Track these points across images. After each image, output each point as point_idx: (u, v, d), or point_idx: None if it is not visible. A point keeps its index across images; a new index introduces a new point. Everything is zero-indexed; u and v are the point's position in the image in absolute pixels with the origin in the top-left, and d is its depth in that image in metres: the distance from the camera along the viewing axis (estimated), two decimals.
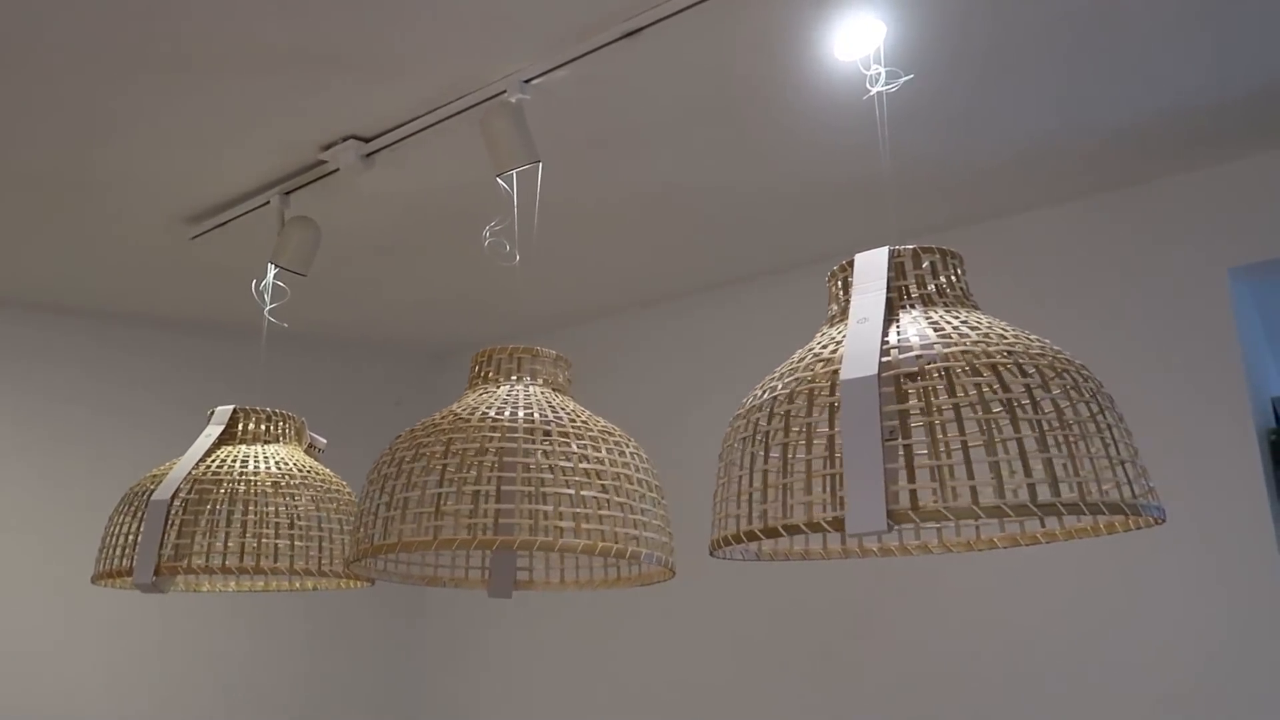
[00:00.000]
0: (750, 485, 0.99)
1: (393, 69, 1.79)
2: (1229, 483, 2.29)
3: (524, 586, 1.62)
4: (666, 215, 2.58)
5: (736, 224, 2.67)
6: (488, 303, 3.07)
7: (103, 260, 2.70)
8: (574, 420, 1.32)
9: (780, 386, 1.01)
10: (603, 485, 1.27)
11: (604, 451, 1.30)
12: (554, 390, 1.43)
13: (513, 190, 1.58)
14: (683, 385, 3.24)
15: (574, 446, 1.28)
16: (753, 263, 2.97)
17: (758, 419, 1.01)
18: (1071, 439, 0.92)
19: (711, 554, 1.09)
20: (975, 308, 1.09)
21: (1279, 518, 2.40)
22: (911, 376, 0.94)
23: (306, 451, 1.87)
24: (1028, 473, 0.87)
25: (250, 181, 2.15)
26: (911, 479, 0.97)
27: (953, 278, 1.09)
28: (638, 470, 1.32)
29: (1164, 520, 1.00)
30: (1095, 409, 0.98)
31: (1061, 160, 2.41)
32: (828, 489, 0.95)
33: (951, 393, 0.91)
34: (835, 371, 0.95)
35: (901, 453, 0.96)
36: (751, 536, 0.96)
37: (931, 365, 0.93)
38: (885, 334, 0.98)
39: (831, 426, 0.93)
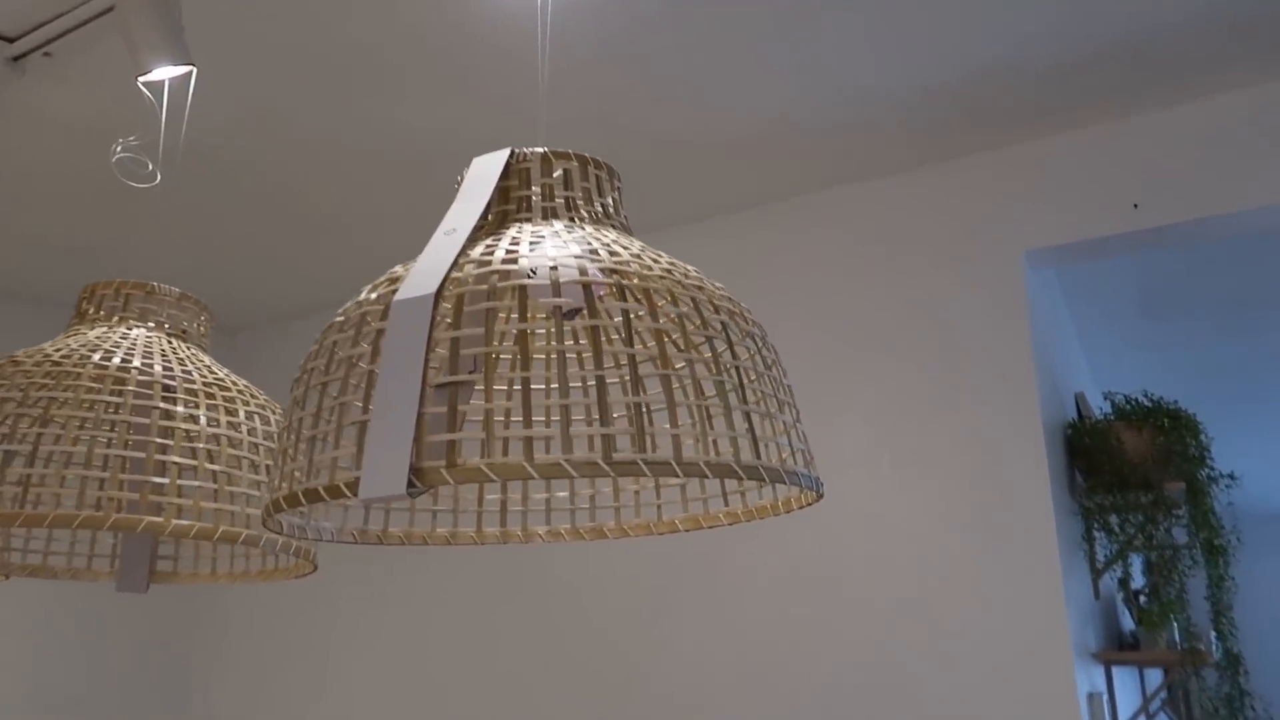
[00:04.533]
0: (288, 440, 0.75)
1: None
2: (1015, 473, 2.18)
3: (164, 579, 1.35)
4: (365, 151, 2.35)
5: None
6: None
7: None
8: (171, 371, 1.06)
9: (341, 314, 0.78)
10: (191, 451, 1.01)
11: (203, 410, 1.04)
12: (173, 337, 1.16)
13: (161, 100, 1.30)
14: None
15: (159, 402, 1.02)
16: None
17: (312, 354, 0.78)
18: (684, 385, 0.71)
19: (265, 526, 0.84)
20: (623, 230, 0.88)
21: (1068, 508, 2.30)
22: (486, 296, 0.72)
23: None
24: (605, 421, 0.66)
25: None
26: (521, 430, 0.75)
27: (594, 192, 0.87)
28: (252, 435, 1.07)
29: (820, 494, 0.81)
30: (756, 356, 0.77)
31: (855, 135, 2.26)
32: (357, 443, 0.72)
33: (524, 316, 0.69)
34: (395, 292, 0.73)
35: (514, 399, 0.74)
36: (276, 507, 0.73)
37: (506, 283, 0.71)
38: (471, 248, 0.76)
39: (374, 361, 0.70)
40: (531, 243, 0.76)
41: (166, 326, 1.17)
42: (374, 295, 0.76)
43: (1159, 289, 3.13)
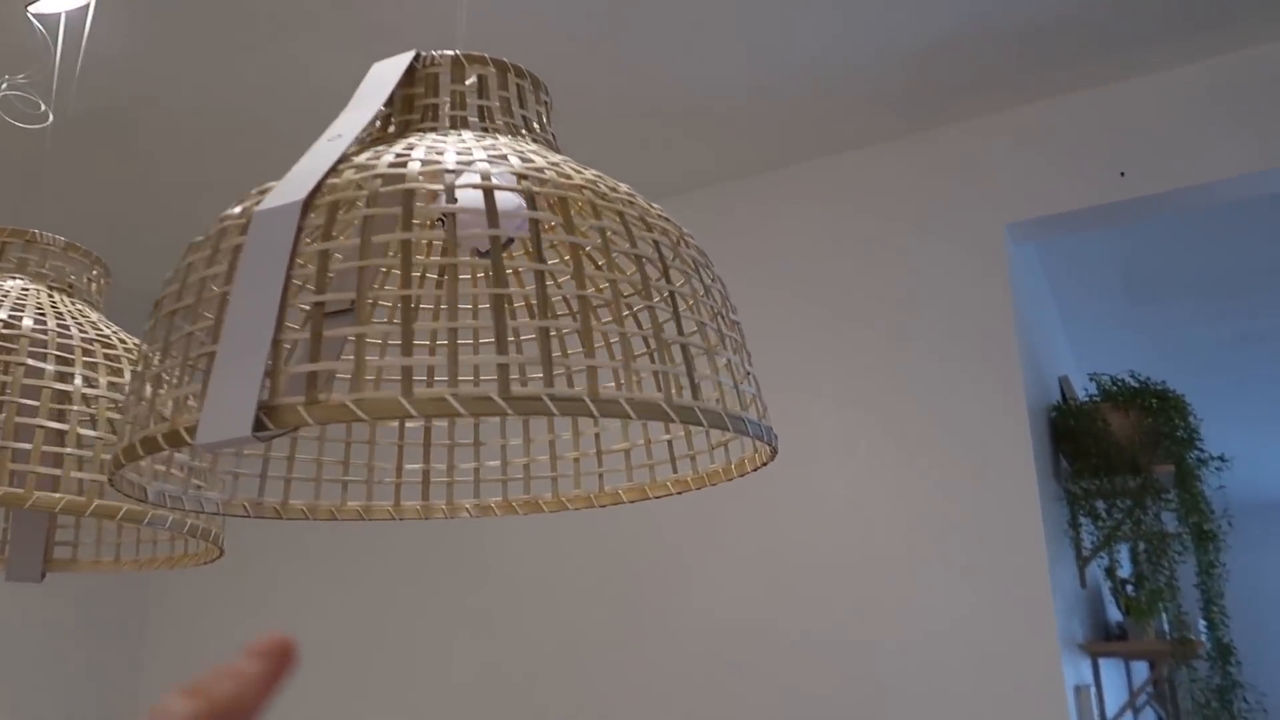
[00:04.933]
0: (136, 384, 0.62)
1: None
2: (998, 457, 2.07)
3: (62, 566, 1.22)
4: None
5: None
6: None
7: None
8: (44, 326, 0.93)
9: (201, 233, 0.66)
10: (63, 414, 0.88)
11: (79, 369, 0.91)
12: (56, 290, 1.04)
13: (56, 34, 1.17)
14: None
15: (25, 359, 0.89)
16: None
17: (167, 280, 0.65)
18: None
19: (113, 487, 0.72)
20: (546, 145, 0.76)
21: (1053, 494, 2.20)
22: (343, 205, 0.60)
23: None
24: (504, 350, 0.54)
25: None
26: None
27: (514, 103, 0.75)
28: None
29: (774, 447, 0.69)
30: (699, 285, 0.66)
31: (827, 105, 2.15)
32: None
33: (408, 226, 0.57)
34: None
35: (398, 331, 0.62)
36: (116, 464, 0.60)
37: (390, 189, 0.58)
38: (357, 156, 0.64)
39: (230, 283, 0.58)
40: (429, 147, 0.63)
41: (49, 279, 1.04)
42: (238, 209, 0.63)
43: (1143, 268, 3.03)
